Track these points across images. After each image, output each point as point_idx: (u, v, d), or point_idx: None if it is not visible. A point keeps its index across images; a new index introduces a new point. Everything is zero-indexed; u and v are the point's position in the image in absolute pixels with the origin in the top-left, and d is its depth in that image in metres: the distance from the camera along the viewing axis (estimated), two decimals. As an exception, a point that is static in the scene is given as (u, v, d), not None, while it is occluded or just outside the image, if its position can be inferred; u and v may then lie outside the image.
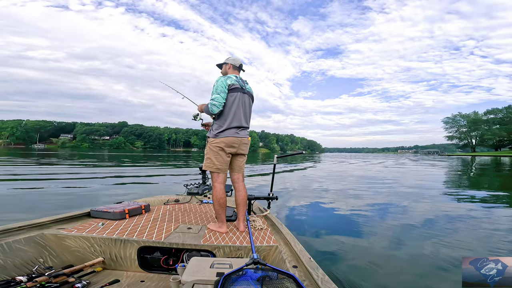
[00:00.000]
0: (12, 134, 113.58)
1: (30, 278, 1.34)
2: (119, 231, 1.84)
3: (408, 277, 2.22)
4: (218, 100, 2.03)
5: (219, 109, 2.04)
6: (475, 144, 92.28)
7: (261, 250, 1.74)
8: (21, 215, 3.71)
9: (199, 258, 1.43)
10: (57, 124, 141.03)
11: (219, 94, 2.04)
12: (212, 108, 2.04)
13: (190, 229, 2.00)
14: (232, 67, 2.26)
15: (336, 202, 5.41)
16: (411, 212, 4.55)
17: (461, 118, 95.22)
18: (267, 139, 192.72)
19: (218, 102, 2.03)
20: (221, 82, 2.07)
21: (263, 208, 2.78)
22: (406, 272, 2.29)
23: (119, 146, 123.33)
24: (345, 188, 7.59)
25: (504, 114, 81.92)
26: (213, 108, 2.03)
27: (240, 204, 2.16)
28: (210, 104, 2.05)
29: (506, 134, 77.23)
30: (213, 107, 2.03)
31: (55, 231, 1.79)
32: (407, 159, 35.94)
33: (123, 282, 1.58)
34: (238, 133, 2.10)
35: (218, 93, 2.04)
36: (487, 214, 4.39)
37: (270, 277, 1.05)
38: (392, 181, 9.38)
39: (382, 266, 2.38)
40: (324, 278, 1.23)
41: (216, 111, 2.04)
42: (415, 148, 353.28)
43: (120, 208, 2.26)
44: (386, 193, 6.69)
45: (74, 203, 4.72)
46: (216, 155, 2.07)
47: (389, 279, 2.16)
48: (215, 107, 2.03)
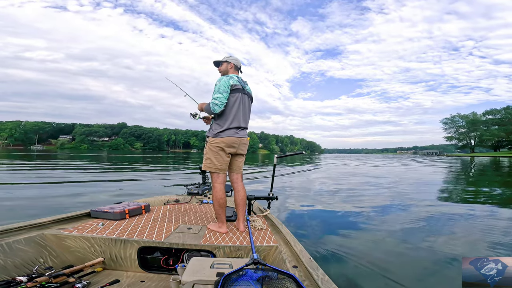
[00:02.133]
0: (11, 135, 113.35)
1: (30, 278, 1.34)
2: (119, 231, 1.84)
3: (408, 277, 2.22)
4: (220, 100, 2.01)
5: (221, 108, 2.03)
6: (474, 144, 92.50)
7: (261, 250, 1.74)
8: (21, 215, 3.71)
9: (199, 258, 1.43)
10: (56, 125, 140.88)
11: (222, 94, 2.02)
12: (214, 108, 2.02)
13: (190, 229, 2.00)
14: (234, 67, 2.25)
15: (336, 202, 5.41)
16: (412, 212, 4.55)
17: (460, 118, 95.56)
18: (266, 140, 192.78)
19: (220, 101, 2.01)
20: (224, 82, 2.05)
21: (263, 208, 2.78)
22: (406, 272, 2.29)
23: (118, 147, 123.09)
24: (345, 188, 7.60)
25: (502, 114, 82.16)
26: (215, 107, 2.02)
27: (239, 204, 2.16)
28: (212, 104, 2.03)
29: (505, 135, 77.45)
30: (215, 106, 2.01)
31: (55, 231, 1.78)
32: (412, 160, 35.79)
33: (123, 282, 1.58)
34: (238, 133, 2.10)
35: (221, 93, 2.02)
36: (491, 214, 4.40)
37: (270, 277, 1.05)
38: (398, 183, 9.39)
39: (382, 266, 2.38)
40: (324, 278, 1.23)
41: (218, 110, 2.03)
42: (414, 149, 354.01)
43: (120, 208, 2.26)
44: (386, 194, 6.70)
45: (74, 203, 4.71)
46: (216, 155, 2.06)
47: (390, 279, 2.16)
48: (217, 107, 2.01)
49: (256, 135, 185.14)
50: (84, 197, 5.38)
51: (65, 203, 4.72)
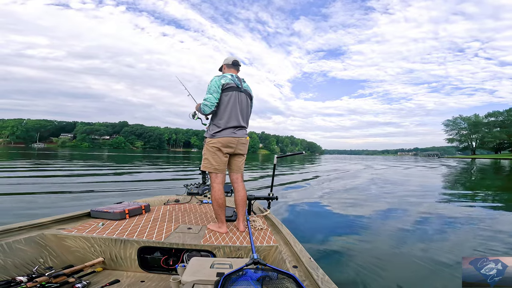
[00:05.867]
0: (13, 133, 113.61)
1: (30, 278, 1.34)
2: (119, 231, 1.84)
3: (408, 277, 2.22)
4: (210, 101, 2.02)
5: (211, 109, 2.03)
6: (475, 146, 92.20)
7: (261, 250, 1.74)
8: (21, 215, 3.71)
9: (199, 258, 1.43)
10: (57, 124, 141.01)
11: (212, 95, 2.02)
12: (204, 109, 2.03)
13: (190, 229, 2.00)
14: (226, 66, 2.27)
15: (337, 202, 5.41)
16: (413, 213, 4.54)
17: (461, 120, 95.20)
18: (267, 140, 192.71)
19: (210, 102, 2.02)
20: (214, 82, 2.05)
21: (263, 208, 2.78)
22: (406, 272, 2.29)
23: (119, 146, 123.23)
24: (345, 188, 7.59)
25: (505, 117, 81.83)
26: (205, 108, 2.03)
27: (239, 204, 2.15)
28: (202, 105, 2.04)
29: (507, 137, 77.19)
30: (205, 107, 2.03)
31: (55, 231, 1.78)
32: (421, 161, 35.42)
33: (123, 282, 1.58)
34: (235, 133, 2.09)
35: (211, 93, 2.03)
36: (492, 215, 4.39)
37: (270, 277, 1.05)
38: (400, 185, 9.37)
39: (382, 266, 2.38)
40: (324, 278, 1.23)
41: (208, 111, 2.04)
42: (415, 151, 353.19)
43: (120, 208, 2.26)
44: (388, 196, 6.69)
45: (74, 203, 4.71)
46: (213, 156, 2.07)
47: (390, 279, 2.15)
48: (206, 108, 2.02)
49: (257, 135, 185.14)
50: (84, 197, 5.39)
51: (65, 203, 4.73)
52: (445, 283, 2.10)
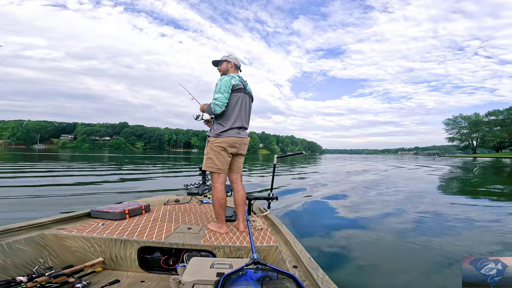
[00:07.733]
0: (13, 134, 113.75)
1: (30, 278, 1.34)
2: (119, 231, 1.84)
3: (408, 277, 2.21)
4: (221, 100, 1.99)
5: (222, 109, 2.00)
6: (476, 145, 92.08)
7: (261, 250, 1.74)
8: (21, 214, 3.72)
9: (199, 258, 1.42)
10: (58, 125, 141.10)
11: (223, 94, 1.99)
12: (215, 108, 2.00)
13: (190, 229, 2.00)
14: (234, 66, 2.23)
15: (337, 202, 5.41)
16: (413, 213, 4.54)
17: (462, 119, 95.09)
18: (267, 140, 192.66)
19: (221, 102, 1.99)
20: (226, 82, 2.02)
21: (263, 208, 2.78)
22: (406, 272, 2.29)
23: (119, 147, 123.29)
24: (346, 189, 7.59)
25: (505, 115, 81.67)
26: (216, 108, 1.99)
27: (239, 204, 2.15)
28: (212, 104, 2.00)
29: (507, 136, 77.08)
30: (216, 107, 1.99)
31: (55, 231, 1.79)
32: (425, 161, 35.16)
33: (123, 282, 1.58)
34: (239, 133, 2.09)
35: (222, 93, 1.99)
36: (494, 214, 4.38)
37: (270, 277, 1.05)
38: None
39: (382, 266, 2.38)
40: (324, 278, 1.23)
41: (219, 111, 2.00)
42: (415, 150, 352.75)
43: (120, 208, 2.26)
44: (388, 195, 6.69)
45: (74, 203, 4.72)
46: (217, 155, 2.04)
47: (390, 279, 2.15)
48: (218, 107, 1.99)
49: (257, 135, 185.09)
50: (84, 197, 5.39)
51: (65, 203, 4.73)
52: (445, 283, 2.10)
